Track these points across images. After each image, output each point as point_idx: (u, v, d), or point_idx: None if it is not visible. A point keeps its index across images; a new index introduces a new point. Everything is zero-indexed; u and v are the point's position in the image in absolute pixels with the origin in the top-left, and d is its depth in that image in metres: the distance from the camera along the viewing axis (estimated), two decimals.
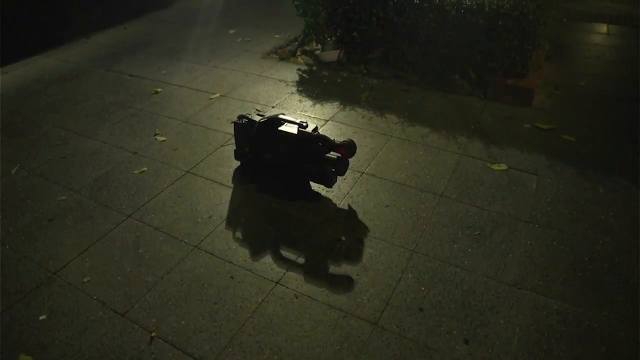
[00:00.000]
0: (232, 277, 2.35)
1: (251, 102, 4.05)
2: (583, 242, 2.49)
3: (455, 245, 2.49)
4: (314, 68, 4.70)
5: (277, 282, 2.32)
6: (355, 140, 2.87)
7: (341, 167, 2.76)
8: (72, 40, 5.71)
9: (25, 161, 3.34)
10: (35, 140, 3.59)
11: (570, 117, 3.67)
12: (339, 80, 4.42)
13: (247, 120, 2.95)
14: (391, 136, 3.46)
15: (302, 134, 2.72)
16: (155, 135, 3.59)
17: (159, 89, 4.35)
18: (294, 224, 2.68)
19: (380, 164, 3.16)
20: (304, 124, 2.75)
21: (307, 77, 4.52)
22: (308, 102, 4.00)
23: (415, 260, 2.41)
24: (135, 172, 3.17)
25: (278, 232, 2.63)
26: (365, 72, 4.53)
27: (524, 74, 4.02)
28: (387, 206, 2.78)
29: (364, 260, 2.42)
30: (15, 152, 3.46)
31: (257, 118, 2.90)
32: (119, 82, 4.54)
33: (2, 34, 5.14)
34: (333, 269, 2.39)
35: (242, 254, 2.49)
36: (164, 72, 4.72)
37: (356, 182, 2.99)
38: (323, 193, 2.90)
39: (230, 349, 2.01)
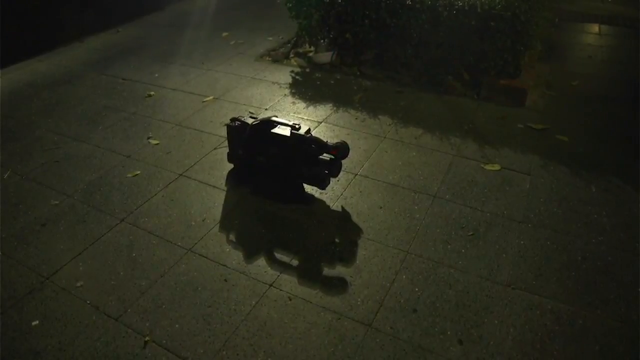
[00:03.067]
0: (225, 280, 2.35)
1: (244, 104, 4.04)
2: (576, 241, 2.50)
3: (449, 246, 2.49)
4: (307, 70, 4.71)
5: (270, 285, 2.31)
6: (348, 141, 2.87)
7: (334, 169, 2.76)
8: (65, 44, 5.69)
9: (18, 166, 3.32)
10: (28, 145, 3.57)
11: (563, 117, 3.69)
12: (332, 82, 4.42)
13: (240, 123, 2.94)
14: (384, 137, 3.47)
15: (295, 136, 2.71)
16: (148, 138, 3.58)
17: (152, 93, 4.33)
18: (288, 226, 2.68)
19: (374, 165, 3.16)
20: (297, 126, 2.74)
21: (300, 79, 4.52)
22: (301, 104, 4.00)
23: (409, 261, 2.41)
24: (129, 175, 3.16)
25: (272, 235, 2.62)
26: (358, 73, 4.54)
27: (517, 74, 4.03)
28: (381, 207, 2.78)
29: (357, 261, 2.42)
30: (8, 156, 3.44)
31: (250, 121, 2.90)
32: (112, 86, 4.52)
33: None
34: (327, 271, 2.38)
35: (236, 256, 2.49)
36: (157, 75, 4.72)
37: (350, 183, 2.99)
38: (316, 195, 2.90)
39: (224, 352, 2.01)
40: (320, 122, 3.71)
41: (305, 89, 4.30)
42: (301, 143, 2.72)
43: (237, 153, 3.02)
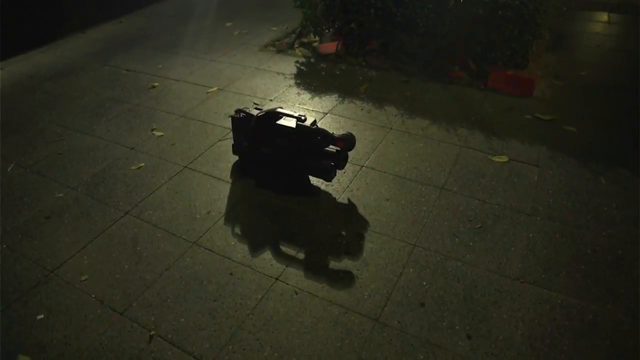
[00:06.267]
0: (231, 274, 2.33)
1: (249, 95, 4.01)
2: (586, 234, 2.47)
3: (457, 239, 2.46)
4: (312, 60, 4.66)
5: (276, 279, 2.29)
6: (354, 133, 2.83)
7: (340, 160, 2.73)
8: (67, 35, 5.65)
9: (22, 158, 3.31)
10: (32, 137, 3.55)
11: (572, 107, 3.63)
12: (337, 72, 4.37)
13: (245, 115, 2.91)
14: (391, 128, 3.43)
15: (300, 128, 2.68)
16: (152, 130, 3.56)
17: (155, 84, 4.30)
18: (294, 219, 2.66)
19: (380, 156, 3.13)
20: (303, 118, 2.71)
21: (305, 69, 4.48)
22: (306, 95, 3.96)
23: (417, 254, 2.38)
24: (133, 168, 3.14)
25: (277, 228, 2.60)
26: (363, 64, 4.49)
27: (525, 64, 3.97)
28: (388, 200, 2.75)
29: (364, 255, 2.39)
30: (11, 149, 3.42)
31: (255, 112, 2.86)
32: (116, 77, 4.49)
33: None
34: (333, 264, 2.36)
35: (242, 250, 2.47)
36: (160, 66, 4.68)
37: (356, 175, 2.96)
38: (322, 187, 2.87)
39: (230, 347, 1.99)
40: (326, 113, 3.67)
41: (310, 79, 4.26)
42: (307, 135, 2.68)
43: (242, 145, 2.99)
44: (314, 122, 2.72)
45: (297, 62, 4.63)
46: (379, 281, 2.25)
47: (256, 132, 2.84)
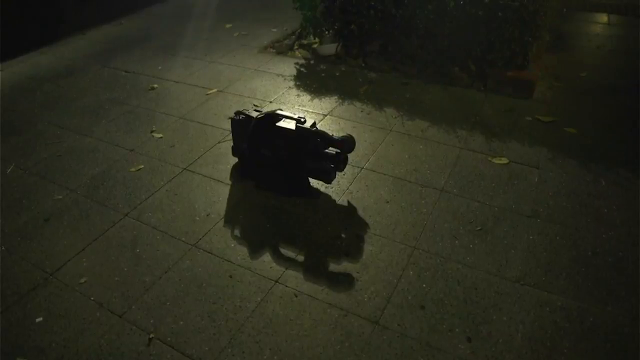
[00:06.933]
0: (230, 276, 2.32)
1: (248, 97, 4.00)
2: (586, 236, 2.46)
3: (457, 241, 2.46)
4: (312, 62, 4.65)
5: (276, 281, 2.29)
6: (354, 135, 2.82)
7: (340, 162, 2.72)
8: (67, 36, 5.65)
9: (21, 160, 3.30)
10: (31, 139, 3.55)
11: (572, 108, 3.63)
12: (337, 74, 4.37)
13: (244, 116, 2.91)
14: (390, 130, 3.42)
15: (300, 130, 2.67)
16: (151, 132, 3.55)
17: (155, 85, 4.30)
18: (293, 221, 2.65)
19: (380, 158, 3.12)
20: (302, 120, 2.70)
21: (304, 71, 4.47)
22: (306, 97, 3.96)
23: (417, 256, 2.38)
24: (132, 169, 3.14)
25: (277, 230, 2.60)
26: (363, 65, 4.48)
27: (525, 65, 3.97)
28: (387, 202, 2.75)
29: (364, 257, 2.39)
30: (11, 150, 3.42)
31: (255, 114, 2.86)
32: (115, 79, 4.49)
33: None
34: (333, 266, 2.35)
35: (241, 252, 2.46)
36: (160, 67, 4.67)
37: (355, 177, 2.95)
38: (322, 189, 2.86)
39: (229, 350, 1.99)
40: (326, 115, 3.66)
41: (310, 81, 4.25)
42: (306, 137, 2.68)
43: (242, 147, 2.98)
44: (314, 124, 2.71)
45: (296, 63, 4.62)
46: (379, 284, 2.24)
47: (256, 134, 2.84)
